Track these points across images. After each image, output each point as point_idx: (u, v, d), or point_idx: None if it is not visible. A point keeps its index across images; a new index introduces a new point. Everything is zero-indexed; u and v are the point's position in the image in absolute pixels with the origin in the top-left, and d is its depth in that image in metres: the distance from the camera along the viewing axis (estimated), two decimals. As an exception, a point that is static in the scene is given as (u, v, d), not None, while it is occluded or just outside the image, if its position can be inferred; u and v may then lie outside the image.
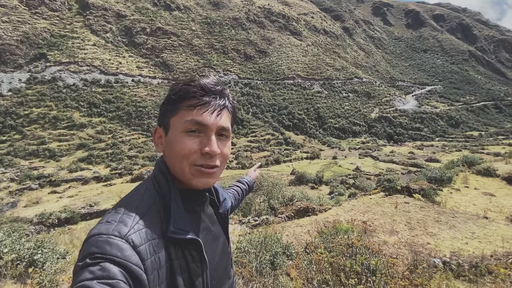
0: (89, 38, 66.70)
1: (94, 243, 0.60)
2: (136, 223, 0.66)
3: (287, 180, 25.33)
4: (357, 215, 7.08)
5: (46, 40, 60.50)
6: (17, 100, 45.24)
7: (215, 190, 1.00)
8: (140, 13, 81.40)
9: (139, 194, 0.76)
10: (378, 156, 42.85)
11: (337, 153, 48.46)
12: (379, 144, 58.97)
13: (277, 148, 49.85)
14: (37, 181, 27.15)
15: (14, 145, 37.44)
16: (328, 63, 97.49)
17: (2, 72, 50.30)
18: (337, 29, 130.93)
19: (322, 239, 5.03)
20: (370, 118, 72.69)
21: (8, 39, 54.79)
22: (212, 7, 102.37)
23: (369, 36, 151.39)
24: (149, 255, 0.64)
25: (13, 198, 23.07)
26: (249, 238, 5.04)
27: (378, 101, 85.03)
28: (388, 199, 8.29)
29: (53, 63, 55.92)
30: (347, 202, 8.77)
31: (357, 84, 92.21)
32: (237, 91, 69.39)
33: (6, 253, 3.48)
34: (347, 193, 18.48)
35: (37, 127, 42.29)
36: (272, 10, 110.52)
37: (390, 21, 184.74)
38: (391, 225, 6.26)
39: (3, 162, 33.52)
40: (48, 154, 36.85)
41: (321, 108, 71.67)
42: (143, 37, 74.55)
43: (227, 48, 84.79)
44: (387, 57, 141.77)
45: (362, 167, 34.88)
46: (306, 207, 7.80)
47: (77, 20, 70.68)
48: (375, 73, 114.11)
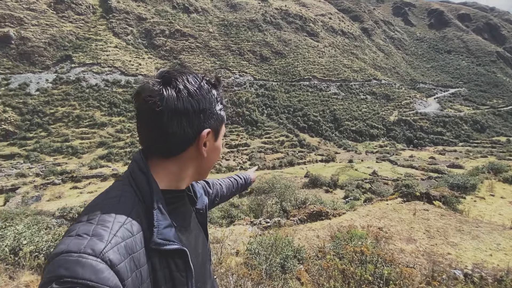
0: (111, 40, 69.37)
1: (63, 264, 0.49)
2: (113, 236, 0.56)
3: (301, 182, 25.07)
4: (373, 221, 6.84)
5: (71, 42, 63.56)
6: (44, 99, 47.79)
7: (192, 185, 0.95)
8: (159, 16, 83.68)
9: (114, 198, 0.65)
10: (397, 160, 41.53)
11: (353, 156, 47.40)
12: (398, 148, 57.11)
13: (291, 150, 49.46)
14: (60, 176, 28.49)
15: (40, 142, 39.53)
16: (346, 65, 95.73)
17: (31, 72, 53.36)
18: (356, 30, 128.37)
19: (335, 244, 4.88)
20: (389, 121, 70.54)
21: (37, 42, 58.08)
22: (230, 9, 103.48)
23: (389, 37, 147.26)
24: (130, 273, 0.55)
25: (38, 192, 24.31)
26: (260, 240, 4.99)
27: (398, 103, 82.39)
28: (406, 205, 7.96)
29: (78, 64, 58.63)
30: (362, 207, 8.52)
31: (375, 86, 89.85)
32: (252, 92, 69.57)
33: (25, 245, 3.63)
34: (362, 198, 18.03)
35: (62, 125, 44.44)
36: (289, 11, 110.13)
37: (411, 21, 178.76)
38: (409, 233, 5.99)
39: (29, 157, 35.47)
40: (71, 151, 38.62)
41: (337, 110, 70.42)
42: (162, 39, 76.55)
43: (243, 50, 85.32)
44: (408, 58, 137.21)
45: (379, 171, 33.94)
46: (320, 210, 7.64)
47: (101, 23, 73.74)
48: (394, 74, 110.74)
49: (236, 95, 65.91)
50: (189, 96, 0.70)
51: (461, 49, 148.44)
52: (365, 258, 3.21)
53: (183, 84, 0.70)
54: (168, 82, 0.70)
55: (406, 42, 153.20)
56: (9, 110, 43.22)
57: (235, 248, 5.24)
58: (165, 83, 0.69)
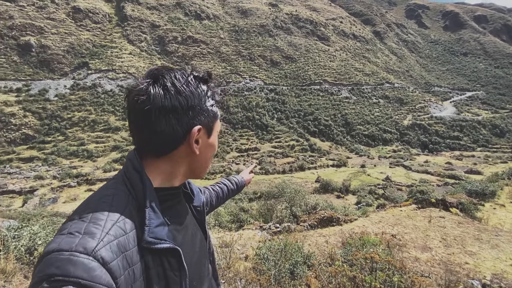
0: (126, 47, 71.55)
1: (54, 262, 0.48)
2: (105, 234, 0.55)
3: (311, 187, 24.78)
4: (386, 228, 6.65)
5: (88, 49, 66.01)
6: (61, 104, 49.66)
7: (188, 183, 0.94)
8: (172, 23, 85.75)
9: (107, 196, 0.65)
10: (411, 165, 40.45)
11: (365, 161, 46.51)
12: (412, 153, 55.61)
13: (301, 155, 49.06)
14: (75, 179, 29.35)
15: (57, 145, 40.99)
16: (357, 68, 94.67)
17: (50, 79, 55.66)
18: (367, 34, 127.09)
19: (346, 251, 4.76)
20: (403, 125, 68.91)
21: (56, 49, 60.65)
22: (240, 15, 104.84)
23: (402, 40, 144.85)
24: (123, 271, 0.55)
25: (54, 194, 25.11)
26: (269, 245, 4.94)
27: (412, 107, 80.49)
28: (420, 212, 7.71)
29: (94, 71, 60.74)
30: (375, 213, 8.31)
31: (388, 90, 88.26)
32: (262, 97, 69.78)
33: (40, 245, 3.73)
34: (375, 204, 17.65)
35: (78, 129, 45.97)
36: (299, 16, 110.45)
37: (425, 23, 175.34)
38: (424, 241, 5.77)
39: (47, 160, 36.79)
40: (86, 155, 39.81)
41: (349, 114, 69.49)
42: (174, 46, 78.28)
43: (254, 55, 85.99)
44: (422, 61, 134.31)
45: (393, 176, 33.15)
46: (331, 216, 7.50)
47: (116, 31, 76.31)
48: (408, 78, 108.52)
49: (247, 99, 66.29)
50: (177, 93, 0.68)
51: (478, 51, 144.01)
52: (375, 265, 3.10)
53: (171, 81, 0.69)
54: (156, 80, 0.69)
55: (420, 44, 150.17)
56: (29, 115, 45.14)
57: (244, 253, 5.21)
58: (153, 81, 0.69)
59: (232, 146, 51.17)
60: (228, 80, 72.71)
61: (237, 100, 65.84)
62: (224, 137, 53.55)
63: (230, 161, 44.59)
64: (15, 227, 4.10)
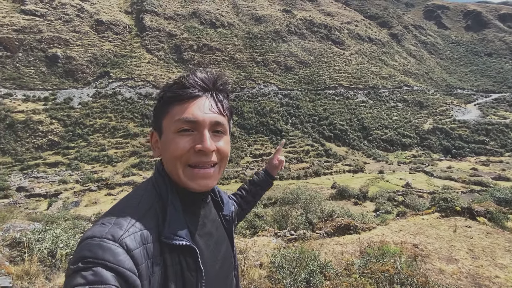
0: (145, 57, 74.30)
1: (87, 247, 0.58)
2: (131, 226, 0.64)
3: (327, 194, 24.28)
4: (407, 237, 6.35)
5: (110, 59, 69.20)
6: (84, 112, 52.11)
7: (218, 192, 0.96)
8: (188, 32, 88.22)
9: (138, 195, 0.74)
10: (433, 171, 38.81)
11: (384, 167, 45.10)
12: (434, 159, 53.33)
13: (316, 160, 48.35)
14: (96, 183, 30.47)
15: (80, 151, 42.86)
16: (374, 72, 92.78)
17: (75, 88, 58.71)
18: (384, 36, 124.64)
19: (365, 260, 4.58)
20: (423, 130, 66.37)
21: (80, 60, 64.03)
22: (254, 22, 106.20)
23: (420, 42, 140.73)
24: (144, 260, 0.62)
25: (77, 198, 26.16)
26: (284, 253, 4.84)
27: (432, 111, 77.51)
28: (444, 221, 7.31)
29: (114, 80, 63.47)
30: (395, 221, 7.99)
31: (406, 93, 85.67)
32: (276, 102, 69.80)
33: (62, 248, 3.86)
34: (395, 212, 17.04)
35: (99, 135, 47.93)
36: (313, 21, 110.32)
37: (445, 24, 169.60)
38: (449, 252, 5.45)
39: (71, 165, 38.51)
40: (106, 160, 41.33)
41: (365, 118, 67.94)
42: (190, 54, 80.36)
43: (268, 61, 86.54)
44: (443, 63, 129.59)
45: (413, 183, 31.91)
46: (348, 224, 7.28)
47: (135, 41, 79.54)
48: (428, 80, 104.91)
49: (261, 105, 66.56)
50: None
51: (504, 51, 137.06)
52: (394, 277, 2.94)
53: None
54: None
55: (440, 46, 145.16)
56: (55, 122, 47.65)
57: (258, 260, 5.13)
58: None
59: (246, 151, 51.33)
60: (242, 86, 73.46)
61: (251, 105, 66.24)
62: (238, 143, 53.86)
63: (245, 166, 44.69)
64: (39, 230, 4.26)
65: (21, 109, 48.53)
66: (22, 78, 56.01)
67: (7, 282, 2.74)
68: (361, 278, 3.41)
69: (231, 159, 47.25)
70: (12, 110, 47.42)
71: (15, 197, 26.23)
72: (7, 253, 3.54)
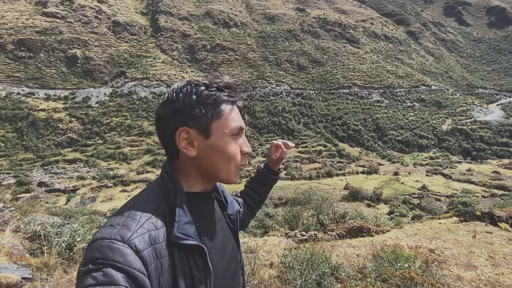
0: (159, 57, 75.79)
1: (97, 248, 0.59)
2: (139, 227, 0.65)
3: (340, 195, 23.93)
4: (423, 241, 6.15)
5: (126, 60, 71.11)
6: (101, 111, 53.82)
7: (222, 191, 0.97)
8: (202, 32, 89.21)
9: (145, 196, 0.75)
10: (451, 174, 37.48)
11: (399, 168, 43.96)
12: (453, 161, 51.43)
13: (329, 160, 47.73)
14: (112, 180, 31.40)
15: (97, 148, 44.34)
16: (390, 70, 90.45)
17: (92, 87, 60.72)
18: (400, 34, 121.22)
19: (378, 264, 4.47)
20: (441, 131, 64.10)
21: (98, 60, 66.14)
22: (267, 21, 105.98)
23: (439, 39, 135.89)
24: (153, 260, 0.63)
25: (93, 193, 27.06)
26: (295, 254, 4.80)
27: (451, 111, 74.69)
28: (463, 225, 7.04)
29: (130, 79, 65.16)
30: (410, 225, 7.76)
31: (424, 93, 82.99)
32: (288, 101, 69.40)
33: (79, 242, 3.99)
34: (410, 215, 16.62)
35: (115, 133, 49.38)
36: (327, 19, 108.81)
37: (466, 21, 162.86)
38: (467, 258, 5.24)
39: (88, 162, 39.89)
40: (122, 157, 42.52)
41: (380, 118, 66.38)
42: (203, 53, 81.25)
43: (280, 60, 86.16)
44: (463, 61, 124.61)
45: (430, 186, 30.96)
46: (360, 226, 7.14)
47: (151, 42, 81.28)
48: (447, 79, 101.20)
49: (273, 104, 66.39)
50: (168, 100, 0.77)
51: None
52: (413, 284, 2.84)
53: (170, 91, 0.78)
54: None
55: (461, 43, 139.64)
56: (74, 120, 49.51)
57: (269, 260, 5.12)
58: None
59: (258, 150, 51.37)
60: (254, 85, 73.52)
61: (263, 105, 66.20)
62: (249, 142, 53.93)
63: (256, 166, 44.69)
64: (58, 224, 4.42)
65: (42, 107, 50.77)
66: (44, 77, 58.52)
67: (28, 273, 2.86)
68: (376, 282, 3.33)
69: (243, 158, 47.41)
70: (34, 109, 49.69)
71: (37, 191, 27.47)
72: (28, 246, 3.69)
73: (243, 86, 72.48)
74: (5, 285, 2.55)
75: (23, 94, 53.26)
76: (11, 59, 59.17)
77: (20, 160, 39.87)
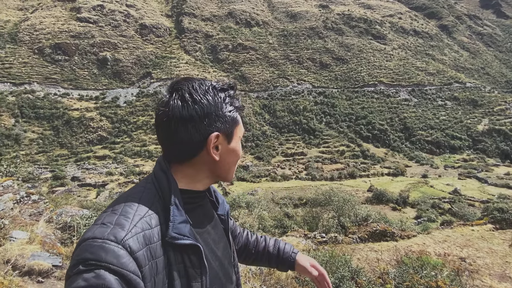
0: (183, 58, 77.94)
1: (88, 248, 0.56)
2: (133, 226, 0.62)
3: (363, 197, 23.22)
4: (452, 249, 5.77)
5: (152, 61, 73.99)
6: (129, 110, 56.48)
7: (214, 191, 0.97)
8: (224, 32, 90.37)
9: (137, 193, 0.72)
10: (487, 178, 34.99)
11: (428, 170, 41.71)
12: (489, 164, 47.80)
13: (352, 161, 46.33)
14: (138, 176, 32.84)
15: (125, 146, 46.63)
16: (419, 67, 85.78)
17: (121, 88, 63.92)
18: (432, 29, 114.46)
19: (402, 271, 4.25)
20: (476, 131, 59.71)
21: (126, 62, 69.44)
22: (289, 19, 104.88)
23: (475, 33, 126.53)
24: (147, 261, 0.61)
25: (121, 189, 28.49)
26: (314, 255, 4.71)
27: (488, 110, 69.27)
28: (499, 233, 6.51)
29: (156, 80, 67.70)
30: (438, 231, 7.33)
31: (457, 90, 77.76)
32: (310, 100, 68.25)
33: (104, 234, 4.21)
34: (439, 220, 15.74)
35: (141, 132, 51.60)
36: (352, 15, 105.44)
37: (506, 13, 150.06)
38: (502, 268, 4.83)
39: (116, 159, 42.06)
40: (147, 155, 44.37)
41: (408, 118, 63.20)
42: (225, 53, 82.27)
43: (302, 58, 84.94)
44: (502, 56, 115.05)
45: (463, 190, 29.09)
46: (384, 230, 6.86)
47: (175, 43, 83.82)
48: (483, 76, 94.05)
49: (294, 103, 65.68)
50: (194, 102, 0.73)
51: None
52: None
53: (188, 92, 0.74)
54: (176, 92, 0.75)
55: (499, 37, 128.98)
56: (104, 119, 52.46)
57: (286, 260, 5.06)
58: (173, 93, 0.76)
59: (278, 150, 51.13)
60: (275, 84, 73.18)
61: (284, 104, 65.71)
62: (270, 141, 53.83)
63: (276, 165, 44.57)
64: (87, 216, 4.69)
65: (76, 107, 54.37)
66: (78, 79, 62.59)
67: (58, 261, 3.06)
68: (396, 290, 3.17)
69: (262, 157, 47.43)
70: (69, 108, 53.34)
71: (70, 185, 29.51)
72: (59, 235, 3.95)
73: (264, 85, 72.43)
74: (37, 271, 2.74)
75: (59, 94, 57.35)
76: (48, 62, 63.95)
77: (56, 156, 43.05)
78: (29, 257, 2.83)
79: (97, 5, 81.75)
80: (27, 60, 62.06)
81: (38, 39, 67.76)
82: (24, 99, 52.10)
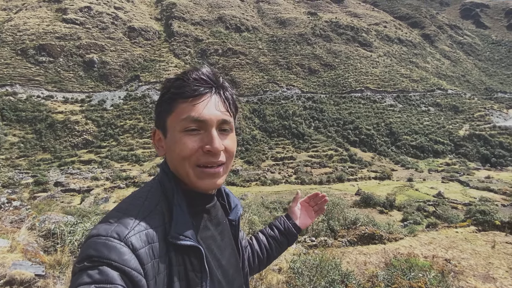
0: (172, 61, 77.31)
1: (93, 245, 0.58)
2: (137, 225, 0.63)
3: (351, 201, 23.51)
4: (438, 251, 5.93)
5: (140, 64, 72.94)
6: (116, 113, 55.26)
7: (227, 195, 0.92)
8: (214, 37, 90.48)
9: (143, 194, 0.73)
10: (469, 181, 36.20)
11: (413, 174, 42.80)
12: (470, 167, 49.60)
13: (340, 165, 47.00)
14: (124, 181, 32.03)
15: (111, 150, 45.44)
16: (404, 74, 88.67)
17: (107, 91, 62.54)
18: (415, 37, 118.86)
19: (390, 273, 4.32)
20: (458, 136, 62.02)
21: (113, 65, 68.16)
22: (279, 25, 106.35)
23: (456, 42, 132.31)
24: (149, 259, 0.62)
25: (107, 194, 27.69)
26: (304, 259, 4.72)
27: (469, 116, 72.25)
28: (481, 235, 6.74)
29: (144, 83, 66.72)
30: (424, 233, 7.52)
31: (440, 97, 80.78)
32: (299, 105, 69.08)
33: (90, 241, 4.07)
34: (424, 223, 16.13)
35: (129, 136, 50.52)
36: (339, 23, 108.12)
37: (485, 23, 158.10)
38: (486, 269, 5.00)
39: (102, 163, 40.89)
40: (134, 159, 43.39)
41: (394, 123, 64.97)
42: (215, 58, 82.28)
43: (291, 64, 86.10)
44: (481, 64, 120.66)
45: (446, 193, 29.98)
46: (372, 233, 6.97)
47: (164, 46, 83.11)
48: (464, 83, 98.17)
49: (283, 108, 66.24)
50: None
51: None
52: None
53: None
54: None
55: (479, 46, 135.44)
56: (89, 123, 51.05)
57: (277, 265, 5.05)
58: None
59: (268, 154, 51.23)
60: (265, 89, 73.67)
61: (274, 108, 66.17)
62: (259, 145, 53.92)
63: (265, 169, 44.60)
64: (72, 222, 4.52)
65: (60, 110, 52.67)
66: (62, 81, 60.81)
67: (41, 270, 2.93)
68: (386, 292, 3.22)
69: (252, 162, 47.39)
70: (53, 111, 51.61)
71: (53, 191, 28.39)
72: (42, 243, 3.79)
73: (254, 90, 72.73)
74: (19, 281, 2.61)
75: (43, 97, 55.48)
76: (32, 64, 61.88)
77: (38, 160, 41.41)
78: (10, 266, 2.70)
79: (84, 6, 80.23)
80: (9, 61, 59.85)
81: (21, 40, 65.60)
82: (5, 101, 50.06)
